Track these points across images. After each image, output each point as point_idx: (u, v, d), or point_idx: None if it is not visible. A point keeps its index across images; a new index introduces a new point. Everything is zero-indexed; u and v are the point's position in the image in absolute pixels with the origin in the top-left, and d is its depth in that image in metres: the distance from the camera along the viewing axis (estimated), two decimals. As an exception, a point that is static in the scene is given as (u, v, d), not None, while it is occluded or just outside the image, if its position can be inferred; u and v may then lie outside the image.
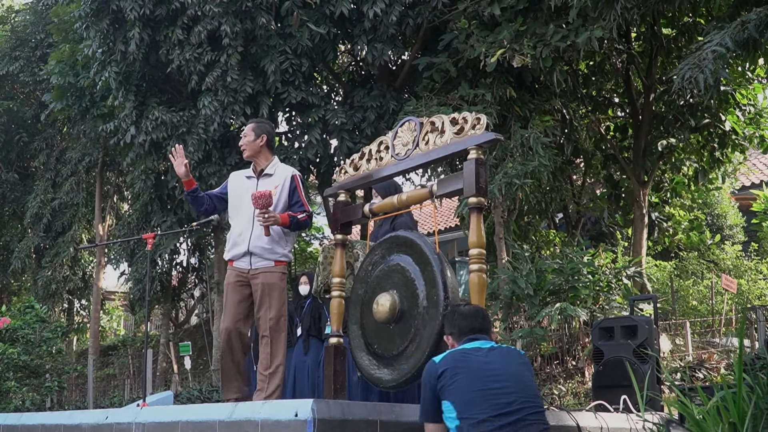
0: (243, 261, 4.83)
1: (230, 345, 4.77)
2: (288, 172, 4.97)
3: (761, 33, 6.39)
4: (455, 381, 3.12)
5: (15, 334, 10.80)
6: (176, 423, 3.44)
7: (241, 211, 4.87)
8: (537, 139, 8.79)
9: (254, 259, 4.80)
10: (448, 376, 3.14)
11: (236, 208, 4.93)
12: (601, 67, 11.32)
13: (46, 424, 4.60)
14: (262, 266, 4.80)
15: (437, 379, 3.16)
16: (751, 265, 12.20)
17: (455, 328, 3.40)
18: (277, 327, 4.76)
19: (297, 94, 10.42)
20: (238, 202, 4.93)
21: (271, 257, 4.82)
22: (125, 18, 10.59)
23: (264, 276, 4.78)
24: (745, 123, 10.61)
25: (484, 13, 8.94)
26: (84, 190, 17.18)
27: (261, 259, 4.80)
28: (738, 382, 2.81)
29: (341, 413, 2.89)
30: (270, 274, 4.81)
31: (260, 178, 4.91)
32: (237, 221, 4.89)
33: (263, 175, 4.92)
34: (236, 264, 4.86)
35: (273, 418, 2.94)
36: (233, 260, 4.88)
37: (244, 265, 4.82)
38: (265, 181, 4.89)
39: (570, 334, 9.28)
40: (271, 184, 4.85)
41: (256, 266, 4.80)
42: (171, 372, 14.59)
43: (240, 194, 4.92)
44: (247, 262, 4.81)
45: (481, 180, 3.80)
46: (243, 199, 4.85)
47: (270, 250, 4.81)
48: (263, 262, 4.80)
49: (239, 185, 4.98)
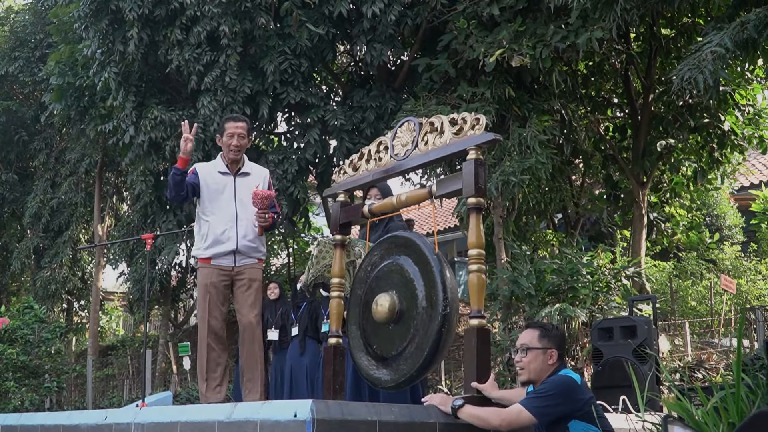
0: (226, 259, 4.79)
1: (217, 344, 4.74)
2: (264, 173, 5.03)
3: (760, 33, 6.40)
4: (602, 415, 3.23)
5: (14, 334, 10.81)
6: (175, 423, 3.44)
7: (220, 208, 4.82)
8: (535, 137, 8.79)
9: (239, 258, 4.80)
10: (592, 403, 3.22)
11: (213, 204, 4.84)
12: (600, 68, 11.32)
13: (45, 424, 4.59)
14: (247, 263, 4.83)
15: (582, 402, 3.21)
16: (750, 266, 12.21)
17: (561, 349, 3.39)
18: (259, 323, 4.87)
19: (296, 94, 10.43)
20: (215, 197, 4.84)
21: (255, 255, 4.88)
22: (124, 18, 10.59)
23: (250, 272, 4.83)
24: (744, 123, 10.62)
25: (483, 13, 8.94)
26: (83, 191, 17.19)
27: (246, 258, 4.82)
28: (737, 382, 2.81)
29: (340, 414, 2.89)
30: (256, 270, 4.87)
31: (237, 176, 4.89)
32: (216, 218, 4.81)
33: (240, 173, 4.91)
34: (217, 262, 4.79)
35: (272, 418, 2.94)
36: (212, 258, 4.79)
37: (228, 262, 4.79)
38: (245, 179, 4.89)
39: (569, 334, 9.27)
40: (251, 183, 4.85)
41: (240, 263, 4.81)
42: (170, 372, 14.58)
43: (217, 190, 4.85)
44: (230, 260, 4.79)
45: (481, 180, 3.80)
46: (221, 196, 4.82)
47: (255, 248, 4.87)
48: (248, 260, 4.83)
49: (214, 180, 4.88)
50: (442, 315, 3.70)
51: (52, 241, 17.62)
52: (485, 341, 3.76)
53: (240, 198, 4.84)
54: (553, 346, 3.34)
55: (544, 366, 3.31)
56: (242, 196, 4.84)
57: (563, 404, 3.19)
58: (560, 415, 3.19)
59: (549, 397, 3.19)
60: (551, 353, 3.33)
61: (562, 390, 3.22)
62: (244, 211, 4.82)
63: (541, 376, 3.31)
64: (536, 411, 3.17)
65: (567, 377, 3.28)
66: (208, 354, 4.74)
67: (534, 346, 3.33)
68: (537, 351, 3.32)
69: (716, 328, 10.04)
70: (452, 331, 3.78)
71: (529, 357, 3.32)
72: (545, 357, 3.33)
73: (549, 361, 3.32)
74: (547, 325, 3.53)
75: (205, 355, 4.74)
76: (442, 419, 3.29)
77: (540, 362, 3.32)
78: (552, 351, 3.33)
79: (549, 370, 3.31)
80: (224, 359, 4.79)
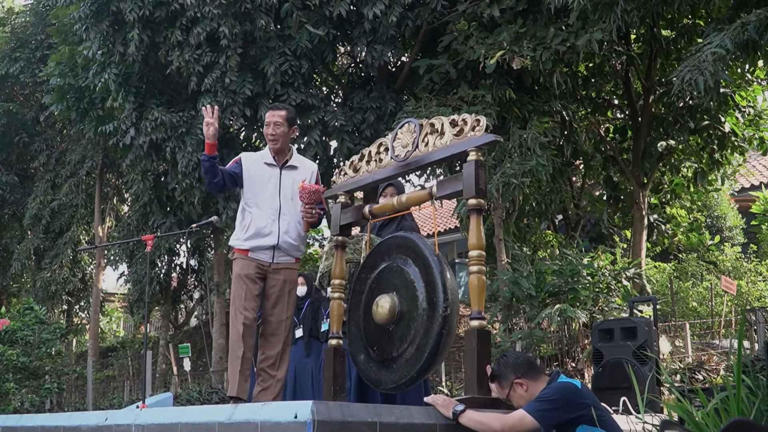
0: (265, 253, 4.61)
1: (247, 339, 4.53)
2: (312, 167, 4.85)
3: (761, 35, 6.40)
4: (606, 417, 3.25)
5: (14, 335, 10.82)
6: (176, 425, 3.43)
7: (264, 200, 4.64)
8: (535, 139, 8.79)
9: (278, 254, 4.63)
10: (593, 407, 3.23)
11: (257, 196, 4.66)
12: (600, 69, 11.33)
13: (45, 425, 4.59)
14: (285, 262, 4.67)
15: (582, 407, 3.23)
16: (750, 267, 12.20)
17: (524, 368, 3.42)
18: (288, 327, 4.70)
19: (296, 95, 10.43)
20: (259, 188, 4.67)
21: (294, 254, 4.72)
22: (125, 20, 10.60)
23: (286, 273, 4.67)
24: (744, 125, 10.63)
25: (484, 14, 8.95)
26: (83, 192, 17.19)
27: (285, 255, 4.66)
28: (737, 383, 2.81)
29: (341, 415, 2.89)
30: (292, 271, 4.72)
31: (283, 169, 4.72)
32: (259, 211, 4.63)
33: (287, 166, 4.73)
34: (255, 255, 4.61)
35: (273, 419, 2.94)
36: (251, 251, 4.62)
37: (265, 257, 4.61)
38: (291, 173, 4.71)
39: (569, 335, 9.28)
40: (297, 177, 4.68)
41: (278, 260, 4.64)
42: (170, 374, 14.58)
43: (262, 181, 4.67)
44: (269, 256, 4.62)
45: (481, 182, 3.80)
46: (265, 188, 4.65)
47: (296, 247, 4.72)
48: (286, 257, 4.67)
49: (259, 171, 4.70)
50: (442, 316, 3.70)
51: (53, 242, 17.63)
52: (486, 342, 3.76)
53: (285, 192, 4.66)
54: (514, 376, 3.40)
55: (528, 393, 3.37)
56: (287, 189, 4.66)
57: (564, 408, 3.22)
58: (563, 420, 3.22)
59: (551, 401, 3.23)
60: (519, 383, 3.39)
61: (563, 394, 3.26)
62: (288, 205, 4.65)
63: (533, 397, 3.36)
64: (539, 415, 3.19)
65: (567, 383, 3.33)
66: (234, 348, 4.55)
67: (505, 390, 3.42)
68: (507, 391, 3.41)
69: (717, 329, 10.04)
70: (453, 332, 3.79)
71: (513, 398, 3.40)
72: (521, 388, 3.39)
73: (525, 387, 3.39)
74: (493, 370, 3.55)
75: (234, 349, 4.55)
76: (443, 420, 3.29)
77: (521, 394, 3.39)
78: (518, 381, 3.40)
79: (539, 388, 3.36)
80: (251, 355, 4.60)
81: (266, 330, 4.68)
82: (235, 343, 4.55)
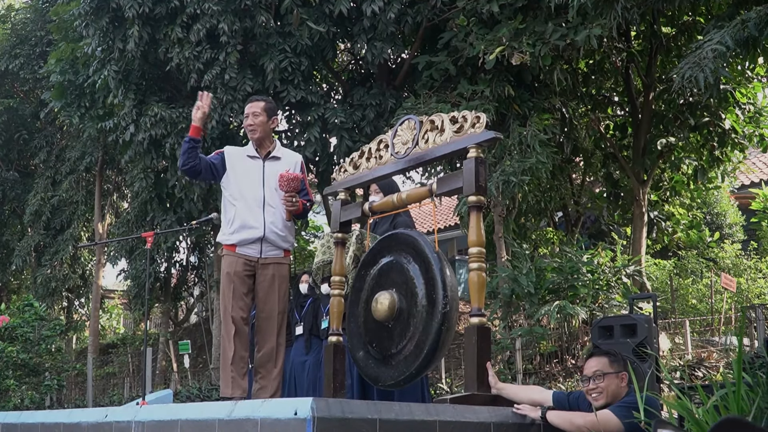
0: (252, 248, 4.59)
1: (239, 338, 4.52)
2: (296, 158, 4.84)
3: (761, 31, 6.40)
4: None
5: (14, 332, 10.82)
6: (176, 421, 3.44)
7: (248, 193, 4.62)
8: (535, 136, 8.79)
9: (266, 247, 4.61)
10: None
11: (240, 189, 4.65)
12: (600, 66, 11.32)
13: (45, 422, 4.59)
14: (273, 255, 4.65)
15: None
16: (750, 264, 12.20)
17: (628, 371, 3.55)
18: (283, 322, 4.67)
19: (296, 92, 10.42)
20: (242, 181, 4.65)
21: (283, 245, 4.69)
22: (124, 16, 10.59)
23: (275, 267, 4.65)
24: (744, 122, 10.61)
25: (483, 10, 8.94)
26: (83, 189, 17.21)
27: (273, 248, 4.64)
28: (737, 381, 2.81)
29: (341, 412, 2.89)
30: (281, 265, 4.69)
31: (266, 160, 4.71)
32: (243, 203, 4.61)
33: (270, 157, 4.72)
34: (242, 250, 4.60)
35: (272, 416, 2.94)
36: (238, 245, 4.60)
37: (253, 252, 4.60)
38: (274, 164, 4.69)
39: (569, 332, 9.28)
40: (281, 168, 4.65)
41: (266, 255, 4.62)
42: (170, 370, 14.59)
43: (245, 174, 4.66)
44: (256, 250, 4.60)
45: (481, 179, 3.80)
46: (249, 180, 4.64)
47: (284, 237, 4.69)
48: (275, 251, 4.65)
49: (242, 164, 4.70)
50: (442, 313, 3.71)
51: (53, 238, 17.64)
52: (485, 339, 3.77)
53: (269, 183, 4.65)
54: (623, 369, 3.55)
55: (619, 388, 3.50)
56: (271, 181, 4.65)
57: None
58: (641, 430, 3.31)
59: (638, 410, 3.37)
60: (623, 376, 3.52)
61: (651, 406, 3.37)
62: (273, 197, 4.63)
63: (617, 398, 3.47)
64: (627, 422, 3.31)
65: (653, 396, 3.45)
66: (225, 348, 4.55)
67: (608, 371, 3.52)
68: (612, 375, 3.51)
69: (716, 326, 10.04)
70: (452, 329, 3.79)
71: (606, 381, 3.50)
72: (618, 380, 3.51)
73: (622, 383, 3.52)
74: (612, 351, 3.71)
75: (225, 349, 4.55)
76: (442, 417, 3.29)
77: (615, 385, 3.50)
78: (623, 374, 3.54)
79: (623, 392, 3.50)
80: (244, 353, 4.58)
81: (259, 325, 4.67)
82: (225, 343, 4.58)
